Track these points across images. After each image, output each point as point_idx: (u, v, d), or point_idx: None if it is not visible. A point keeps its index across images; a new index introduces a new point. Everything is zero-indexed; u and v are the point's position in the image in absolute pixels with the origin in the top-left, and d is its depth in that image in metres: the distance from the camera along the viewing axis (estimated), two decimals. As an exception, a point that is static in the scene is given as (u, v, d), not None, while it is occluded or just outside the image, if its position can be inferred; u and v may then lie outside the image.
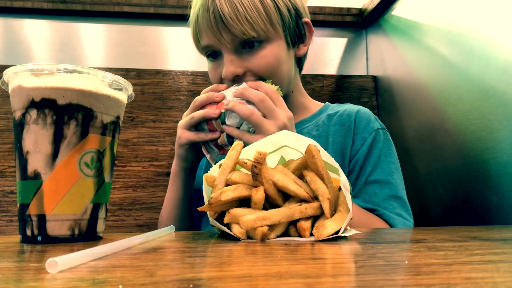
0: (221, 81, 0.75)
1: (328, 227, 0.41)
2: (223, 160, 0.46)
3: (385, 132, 0.80)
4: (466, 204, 0.80)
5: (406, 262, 0.29)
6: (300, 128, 0.81)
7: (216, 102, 0.68)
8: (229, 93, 0.68)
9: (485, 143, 0.75)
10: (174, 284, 0.22)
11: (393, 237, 0.47)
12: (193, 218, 0.81)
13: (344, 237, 0.43)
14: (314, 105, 0.87)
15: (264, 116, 0.65)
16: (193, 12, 0.76)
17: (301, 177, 0.46)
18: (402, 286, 0.22)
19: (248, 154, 0.47)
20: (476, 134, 0.77)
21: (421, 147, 0.96)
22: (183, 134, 0.69)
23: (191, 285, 0.22)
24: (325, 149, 0.78)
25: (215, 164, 0.49)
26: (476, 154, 0.77)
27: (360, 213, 0.70)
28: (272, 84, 0.71)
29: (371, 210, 0.72)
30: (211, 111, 0.66)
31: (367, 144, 0.77)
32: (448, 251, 0.34)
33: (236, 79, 0.73)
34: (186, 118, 0.69)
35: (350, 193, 0.45)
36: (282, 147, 0.51)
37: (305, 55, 0.84)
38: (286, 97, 0.79)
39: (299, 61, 0.84)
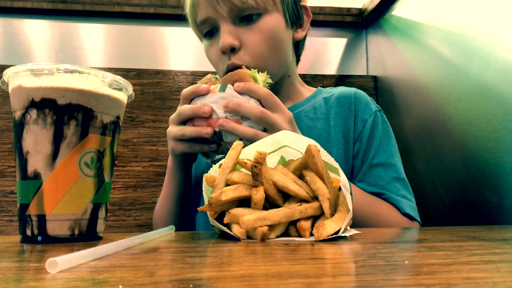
0: (216, 57, 0.73)
1: (328, 227, 0.41)
2: (223, 160, 0.46)
3: (382, 114, 0.81)
4: (466, 204, 0.80)
5: (406, 262, 0.29)
6: (297, 110, 0.80)
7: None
8: (218, 105, 0.60)
9: (485, 143, 0.75)
10: (174, 284, 0.22)
11: (393, 237, 0.47)
12: (190, 213, 0.81)
13: (344, 237, 0.43)
14: (308, 90, 0.88)
15: (265, 130, 0.61)
16: None
17: (301, 177, 0.46)
18: (402, 286, 0.22)
19: (248, 154, 0.48)
20: (476, 134, 0.77)
21: (421, 147, 0.96)
22: (176, 147, 0.65)
23: (191, 285, 0.22)
24: (328, 132, 0.78)
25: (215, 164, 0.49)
26: (476, 154, 0.77)
27: (368, 200, 0.70)
28: (258, 73, 0.65)
29: (378, 194, 0.72)
30: (203, 130, 0.60)
31: (368, 127, 0.77)
32: (448, 251, 0.34)
33: (232, 53, 0.71)
34: (177, 131, 0.63)
35: (350, 193, 0.45)
36: (282, 147, 0.51)
37: (303, 43, 0.84)
38: (281, 81, 0.79)
39: (297, 48, 0.84)
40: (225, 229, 0.44)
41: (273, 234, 0.42)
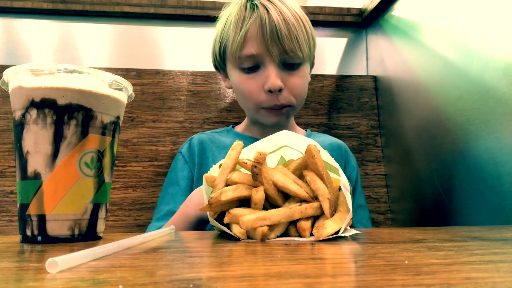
0: (256, 90, 0.81)
1: (328, 227, 0.41)
2: (223, 160, 0.46)
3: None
4: (466, 204, 0.80)
5: (406, 262, 0.29)
6: None
7: None
8: None
9: (485, 143, 0.75)
10: (174, 284, 0.22)
11: (393, 237, 0.47)
12: None
13: (344, 237, 0.43)
14: (300, 130, 0.98)
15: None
16: (237, 18, 0.80)
17: (301, 177, 0.46)
18: (402, 286, 0.22)
19: (248, 154, 0.48)
20: (476, 134, 0.77)
21: (421, 147, 0.96)
22: None
23: (191, 285, 0.22)
24: None
25: None
26: (476, 154, 0.77)
27: None
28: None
29: None
30: None
31: (355, 174, 0.92)
32: (448, 251, 0.34)
33: (278, 93, 0.80)
34: None
35: (350, 193, 0.45)
36: (282, 147, 0.51)
37: None
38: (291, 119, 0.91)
39: None
40: (225, 229, 0.44)
41: (273, 234, 0.42)
